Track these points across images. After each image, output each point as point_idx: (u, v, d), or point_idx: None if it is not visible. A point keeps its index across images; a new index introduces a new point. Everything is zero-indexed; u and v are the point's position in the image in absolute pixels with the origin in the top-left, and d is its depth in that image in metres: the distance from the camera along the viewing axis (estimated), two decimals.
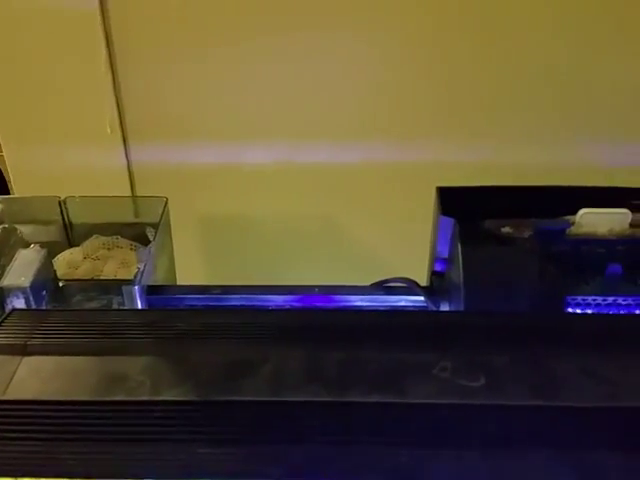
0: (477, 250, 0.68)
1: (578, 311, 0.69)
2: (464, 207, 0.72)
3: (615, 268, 0.69)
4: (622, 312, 0.69)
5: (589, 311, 0.69)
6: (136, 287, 0.70)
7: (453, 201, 0.73)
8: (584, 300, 0.69)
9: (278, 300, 0.77)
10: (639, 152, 1.05)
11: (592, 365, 0.56)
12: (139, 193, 1.15)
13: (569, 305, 0.69)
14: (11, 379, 0.55)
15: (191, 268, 1.10)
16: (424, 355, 0.57)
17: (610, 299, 0.69)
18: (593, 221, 0.72)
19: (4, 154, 1.17)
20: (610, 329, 0.60)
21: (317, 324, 0.62)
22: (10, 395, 0.53)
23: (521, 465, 0.49)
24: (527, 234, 0.71)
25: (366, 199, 1.16)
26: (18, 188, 1.17)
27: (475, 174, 0.81)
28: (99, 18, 1.01)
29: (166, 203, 0.83)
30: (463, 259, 0.67)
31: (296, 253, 1.21)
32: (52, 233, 0.85)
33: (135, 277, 0.72)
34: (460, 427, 0.51)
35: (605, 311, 0.69)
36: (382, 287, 0.77)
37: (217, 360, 0.57)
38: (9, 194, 1.18)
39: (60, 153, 1.14)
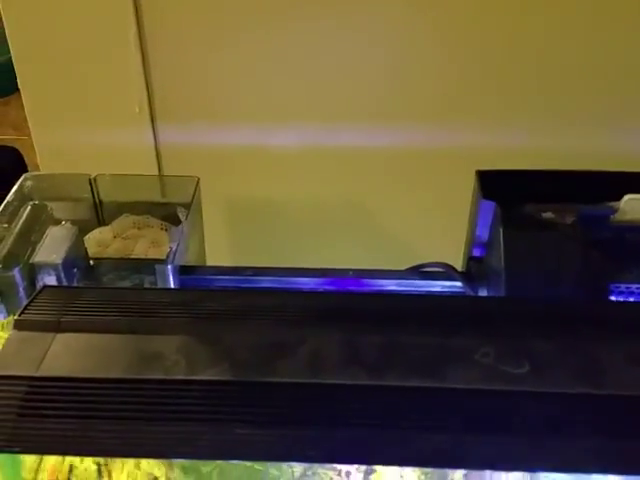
0: (519, 235, 0.66)
1: (621, 299, 0.67)
2: (505, 191, 0.70)
3: None
4: None
5: (632, 299, 0.68)
6: (169, 266, 0.69)
7: (494, 185, 0.71)
8: (628, 288, 0.67)
9: (310, 283, 0.76)
10: None
11: (636, 353, 0.54)
12: (166, 173, 1.14)
13: (612, 293, 0.67)
14: (44, 356, 0.54)
15: (218, 249, 1.09)
16: (465, 340, 0.55)
17: None
18: (638, 208, 0.70)
19: (32, 134, 1.17)
20: None
21: (354, 307, 0.61)
22: (43, 372, 0.52)
23: (565, 453, 0.48)
24: (570, 220, 0.69)
25: (396, 183, 1.14)
26: (45, 167, 1.17)
27: (510, 158, 0.79)
28: None
29: (197, 183, 0.82)
30: (504, 243, 0.65)
31: (325, 237, 1.20)
32: (82, 211, 0.84)
33: (168, 256, 0.71)
34: (504, 414, 0.50)
35: None
36: (418, 272, 0.76)
37: (253, 341, 0.56)
38: None
39: (88, 132, 1.13)
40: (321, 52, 1.08)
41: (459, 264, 0.79)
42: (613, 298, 0.68)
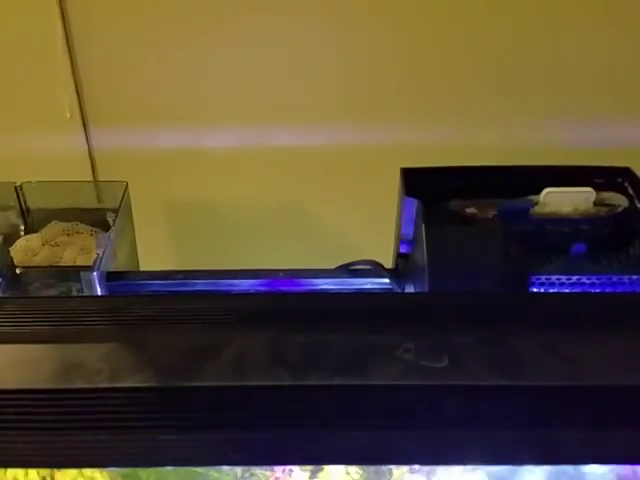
0: (441, 230, 0.67)
1: (542, 290, 0.69)
2: (428, 188, 0.72)
3: (579, 247, 0.69)
4: (586, 291, 0.69)
5: (553, 290, 0.69)
6: (95, 273, 0.68)
7: (417, 182, 0.72)
8: (548, 279, 0.69)
9: (243, 285, 0.76)
10: (603, 133, 1.06)
11: (555, 344, 0.56)
12: (102, 179, 1.13)
13: (533, 284, 0.69)
14: None
15: (156, 255, 1.08)
16: (387, 337, 0.56)
17: (574, 278, 0.69)
18: (557, 200, 0.72)
19: None
20: (573, 307, 0.61)
21: (280, 308, 0.61)
22: None
23: (484, 445, 0.49)
24: (491, 214, 0.71)
25: (333, 182, 1.15)
26: None
27: (442, 156, 0.80)
28: None
29: (126, 187, 0.81)
30: (427, 240, 0.66)
31: (262, 237, 1.20)
32: (9, 219, 0.83)
33: (94, 263, 0.71)
34: (423, 408, 0.51)
35: (569, 290, 0.69)
36: (347, 270, 0.76)
37: (178, 345, 0.56)
38: None
39: (19, 139, 1.11)
40: (255, 52, 1.08)
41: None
42: (535, 289, 0.70)
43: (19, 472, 0.60)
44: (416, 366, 0.54)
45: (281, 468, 0.60)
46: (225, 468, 0.60)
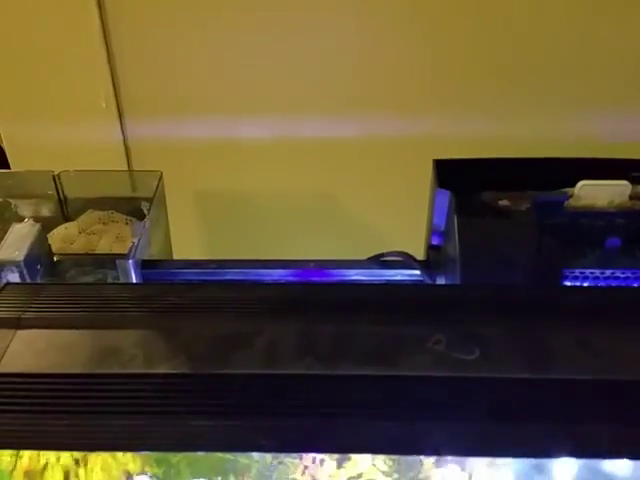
0: (473, 222, 0.67)
1: (576, 284, 0.69)
2: (461, 179, 0.71)
3: (614, 241, 0.69)
4: (620, 285, 0.68)
5: (587, 284, 0.69)
6: (130, 261, 0.70)
7: (450, 173, 0.72)
8: (582, 273, 0.68)
9: (274, 275, 0.77)
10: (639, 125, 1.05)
11: (587, 338, 0.55)
12: (136, 168, 1.14)
13: (567, 278, 0.68)
14: (4, 352, 0.55)
15: (188, 243, 1.10)
16: (418, 328, 0.56)
17: (608, 272, 0.68)
18: (592, 193, 0.71)
19: (1, 132, 1.17)
20: (607, 302, 0.60)
21: (311, 298, 0.62)
22: (3, 368, 0.53)
23: (514, 437, 0.49)
24: (525, 206, 0.70)
25: (364, 173, 1.15)
26: (15, 165, 1.17)
27: (475, 147, 0.80)
28: None
29: (161, 177, 0.83)
30: (459, 231, 0.66)
31: (293, 228, 1.21)
32: (47, 208, 0.85)
33: (129, 251, 0.72)
34: (453, 400, 0.51)
35: (603, 284, 0.69)
36: (378, 261, 0.77)
37: (210, 333, 0.57)
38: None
39: (56, 129, 1.13)
40: (290, 44, 1.09)
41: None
42: (568, 283, 0.69)
43: (51, 455, 0.62)
44: (447, 358, 0.54)
45: (310, 457, 0.61)
46: (255, 455, 0.61)
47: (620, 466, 0.51)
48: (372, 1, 1.04)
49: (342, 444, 0.50)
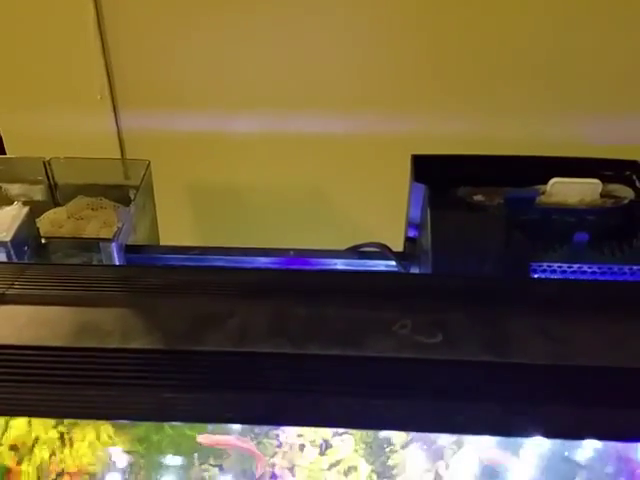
0: (445, 215, 0.69)
1: (544, 277, 0.70)
2: (437, 175, 0.73)
3: (582, 236, 0.70)
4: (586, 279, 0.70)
5: (554, 277, 0.70)
6: (114, 244, 0.72)
7: (427, 169, 0.74)
8: (550, 267, 0.70)
9: (255, 262, 0.79)
10: (617, 129, 1.07)
11: (547, 326, 0.57)
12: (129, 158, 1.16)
13: (535, 271, 0.70)
14: None
15: (177, 232, 1.12)
16: (386, 313, 0.58)
17: (575, 266, 0.70)
18: (564, 190, 0.73)
19: None
20: (569, 293, 0.62)
21: (285, 283, 0.64)
22: None
23: (469, 415, 0.51)
24: (497, 202, 0.72)
25: (349, 168, 1.17)
26: (12, 153, 1.19)
27: (456, 146, 0.82)
28: None
29: (148, 166, 0.85)
30: (432, 224, 0.68)
31: (279, 220, 1.23)
32: (38, 193, 0.87)
33: (113, 235, 0.74)
34: (412, 379, 0.53)
35: (571, 278, 0.70)
36: (356, 251, 0.79)
37: (186, 313, 0.58)
38: None
39: (53, 120, 1.15)
40: (281, 41, 1.11)
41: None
42: (537, 276, 0.71)
43: (41, 433, 0.64)
44: (411, 341, 0.56)
45: (289, 443, 0.63)
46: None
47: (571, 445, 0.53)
48: (362, 1, 1.06)
49: (306, 418, 0.52)
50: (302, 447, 0.63)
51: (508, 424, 0.50)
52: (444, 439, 0.61)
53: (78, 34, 1.07)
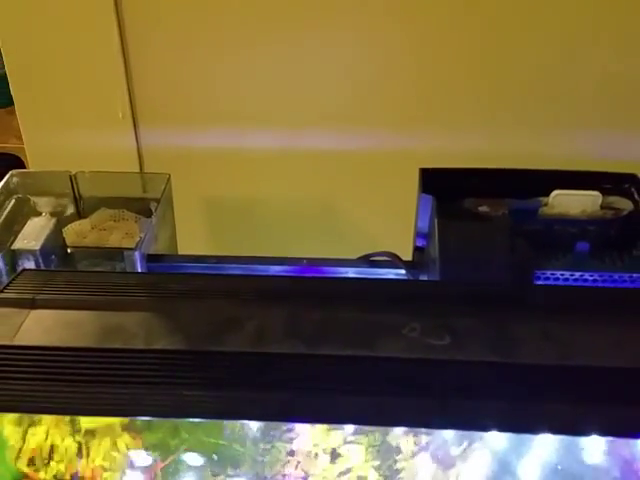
0: (452, 225, 0.72)
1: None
2: (444, 187, 0.76)
3: (583, 245, 0.73)
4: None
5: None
6: (137, 253, 0.75)
7: (434, 181, 0.77)
8: (553, 275, 0.73)
9: (269, 270, 0.82)
10: (616, 144, 1.10)
11: (551, 329, 0.60)
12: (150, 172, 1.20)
13: (539, 279, 0.73)
14: (19, 328, 0.59)
15: (194, 245, 1.15)
16: (396, 317, 0.61)
17: (577, 274, 0.73)
18: (565, 202, 0.76)
19: (24, 139, 1.23)
20: (573, 299, 0.64)
21: (300, 289, 0.67)
22: (17, 341, 0.58)
23: (477, 414, 0.54)
24: (502, 212, 0.75)
25: (361, 183, 1.21)
26: (37, 168, 1.23)
27: (463, 159, 0.85)
28: (112, 3, 1.07)
29: (168, 179, 0.89)
30: (439, 234, 0.71)
31: (293, 232, 1.26)
32: (63, 205, 0.91)
33: (136, 245, 0.78)
34: (421, 378, 0.56)
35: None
36: (367, 260, 0.82)
37: (206, 317, 0.61)
38: None
39: (76, 137, 1.19)
40: (296, 58, 1.15)
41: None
42: (540, 284, 0.73)
43: (57, 438, 0.67)
44: (419, 342, 0.59)
45: (304, 451, 0.65)
46: (248, 443, 0.65)
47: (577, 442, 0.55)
48: (372, 22, 1.10)
49: (319, 415, 0.55)
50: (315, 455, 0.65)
51: (516, 420, 0.53)
52: (455, 449, 0.63)
53: (102, 58, 1.12)
